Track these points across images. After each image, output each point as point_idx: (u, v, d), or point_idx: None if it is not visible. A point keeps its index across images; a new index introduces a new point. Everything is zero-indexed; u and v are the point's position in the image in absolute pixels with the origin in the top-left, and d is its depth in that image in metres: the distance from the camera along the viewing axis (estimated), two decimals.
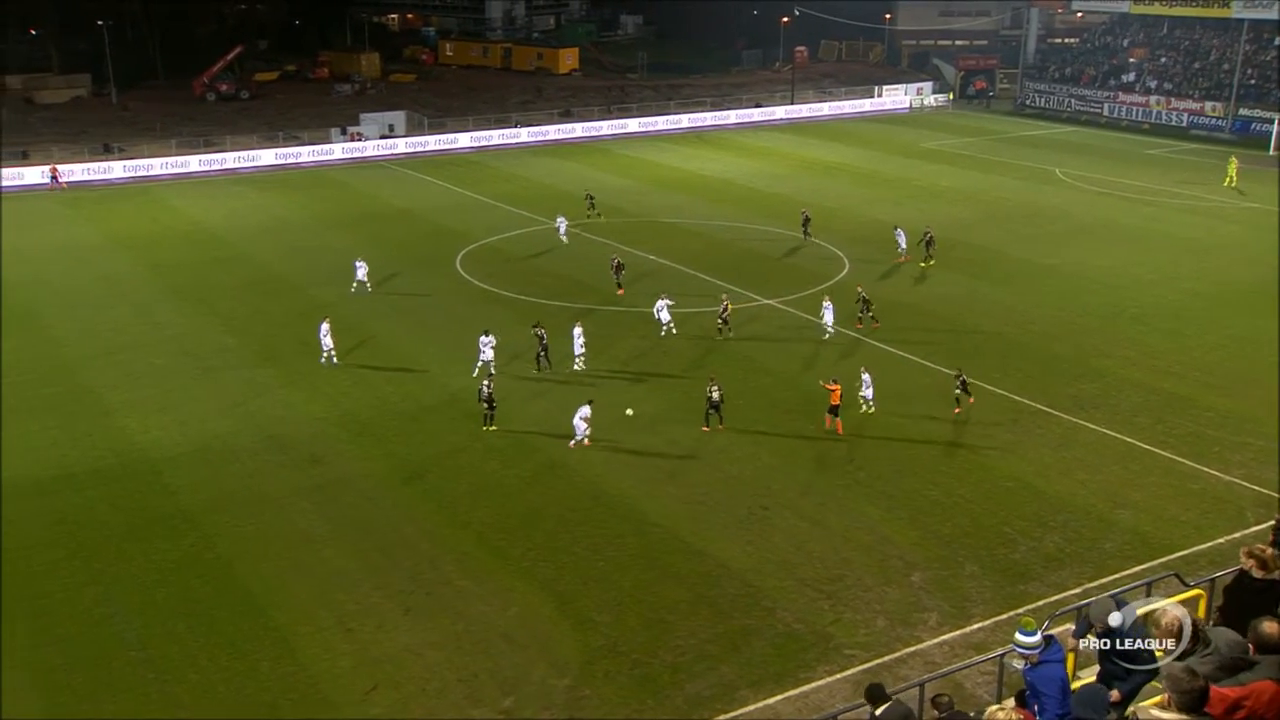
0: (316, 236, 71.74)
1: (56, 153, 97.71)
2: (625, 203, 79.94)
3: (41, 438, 43.42)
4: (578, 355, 48.35)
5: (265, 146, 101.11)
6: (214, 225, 75.69)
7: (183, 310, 57.71)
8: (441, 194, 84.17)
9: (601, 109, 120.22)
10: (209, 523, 37.01)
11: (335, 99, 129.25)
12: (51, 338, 53.74)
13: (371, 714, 27.87)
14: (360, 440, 42.72)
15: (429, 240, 69.92)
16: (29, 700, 28.74)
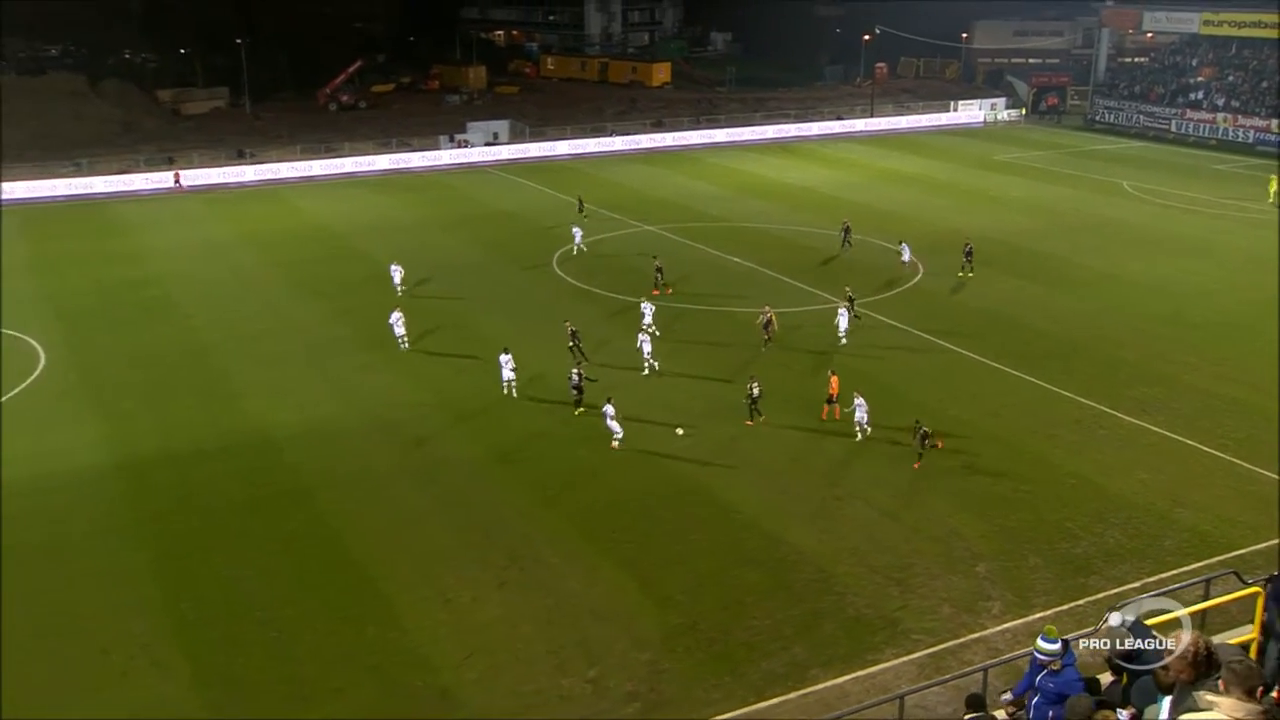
0: (424, 235, 72.32)
1: (197, 158, 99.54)
2: (712, 208, 79.62)
3: (179, 416, 44.33)
4: (645, 354, 47.74)
5: (380, 152, 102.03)
6: (332, 224, 76.70)
7: (303, 302, 58.49)
8: (541, 197, 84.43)
9: (691, 120, 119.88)
10: (323, 498, 37.52)
11: (445, 109, 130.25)
12: (189, 326, 54.76)
13: (467, 679, 28.06)
14: (459, 424, 42.99)
15: (528, 240, 70.17)
16: (170, 647, 29.50)
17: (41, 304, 58.99)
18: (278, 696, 27.69)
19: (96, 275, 63.98)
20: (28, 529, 35.76)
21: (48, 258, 68.93)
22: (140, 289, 61.39)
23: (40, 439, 42.27)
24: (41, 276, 64.49)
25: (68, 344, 52.49)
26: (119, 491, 38.16)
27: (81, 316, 56.89)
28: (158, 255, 68.83)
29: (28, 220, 79.50)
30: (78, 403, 45.92)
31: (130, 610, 31.37)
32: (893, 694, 24.06)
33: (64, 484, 38.76)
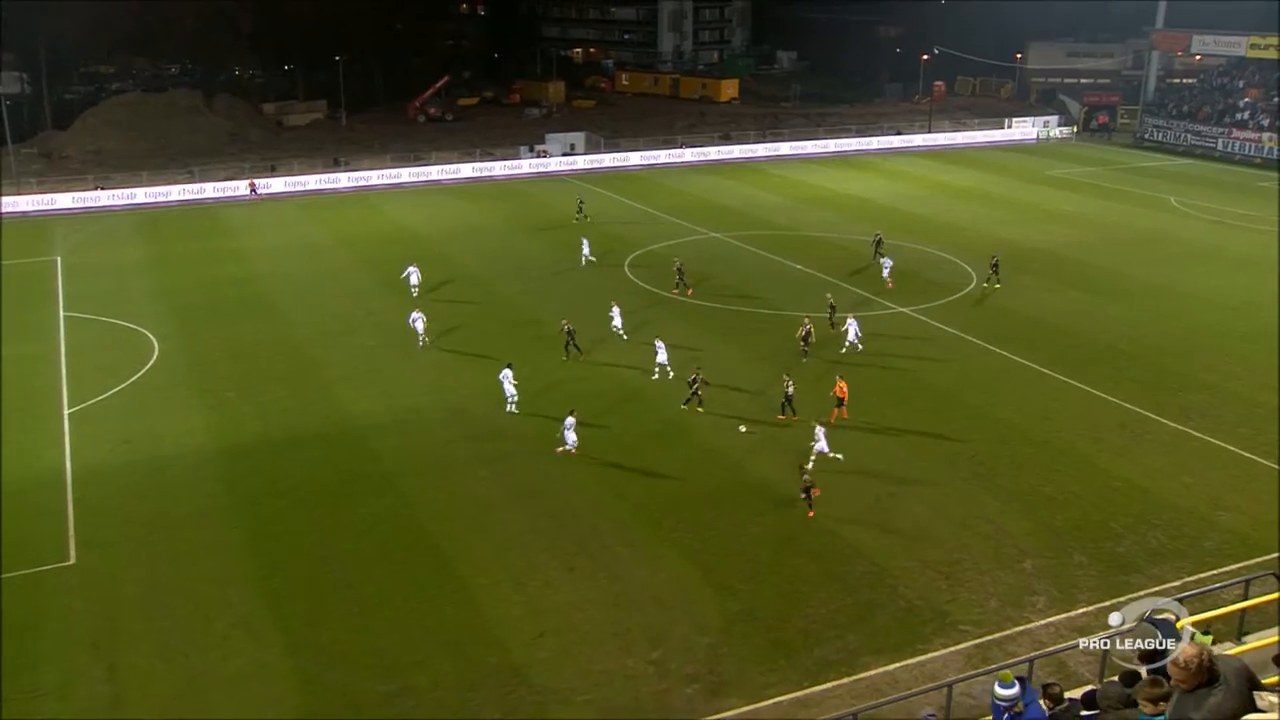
0: (504, 239, 72.66)
1: (296, 166, 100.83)
2: (777, 217, 79.21)
3: (275, 405, 44.94)
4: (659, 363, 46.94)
5: (464, 161, 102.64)
6: (419, 228, 77.21)
7: (390, 300, 58.89)
8: (614, 205, 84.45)
9: (757, 133, 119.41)
10: (406, 484, 37.83)
11: (525, 121, 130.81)
12: (287, 321, 55.44)
13: (538, 657, 28.17)
14: (534, 418, 43.03)
15: (601, 245, 70.11)
16: (265, 618, 30.02)
17: (156, 299, 60.06)
18: (362, 666, 27.98)
19: (204, 273, 65.01)
20: (142, 503, 36.68)
21: (162, 257, 70.14)
22: (242, 286, 62.29)
23: (154, 423, 43.14)
24: (157, 274, 65.66)
25: (179, 336, 53.38)
26: (221, 473, 38.81)
27: (190, 311, 57.82)
28: (259, 255, 69.79)
29: (147, 222, 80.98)
30: (186, 391, 46.70)
31: (230, 582, 31.95)
32: (941, 682, 23.83)
33: (174, 464, 39.56)
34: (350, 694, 27.00)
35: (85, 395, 46.24)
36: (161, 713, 26.46)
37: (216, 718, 26.22)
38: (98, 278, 65.06)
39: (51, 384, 47.75)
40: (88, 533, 34.88)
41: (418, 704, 26.58)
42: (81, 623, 30.25)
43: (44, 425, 43.43)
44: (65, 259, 69.73)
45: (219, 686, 27.37)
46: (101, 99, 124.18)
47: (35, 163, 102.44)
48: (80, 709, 26.75)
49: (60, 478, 38.80)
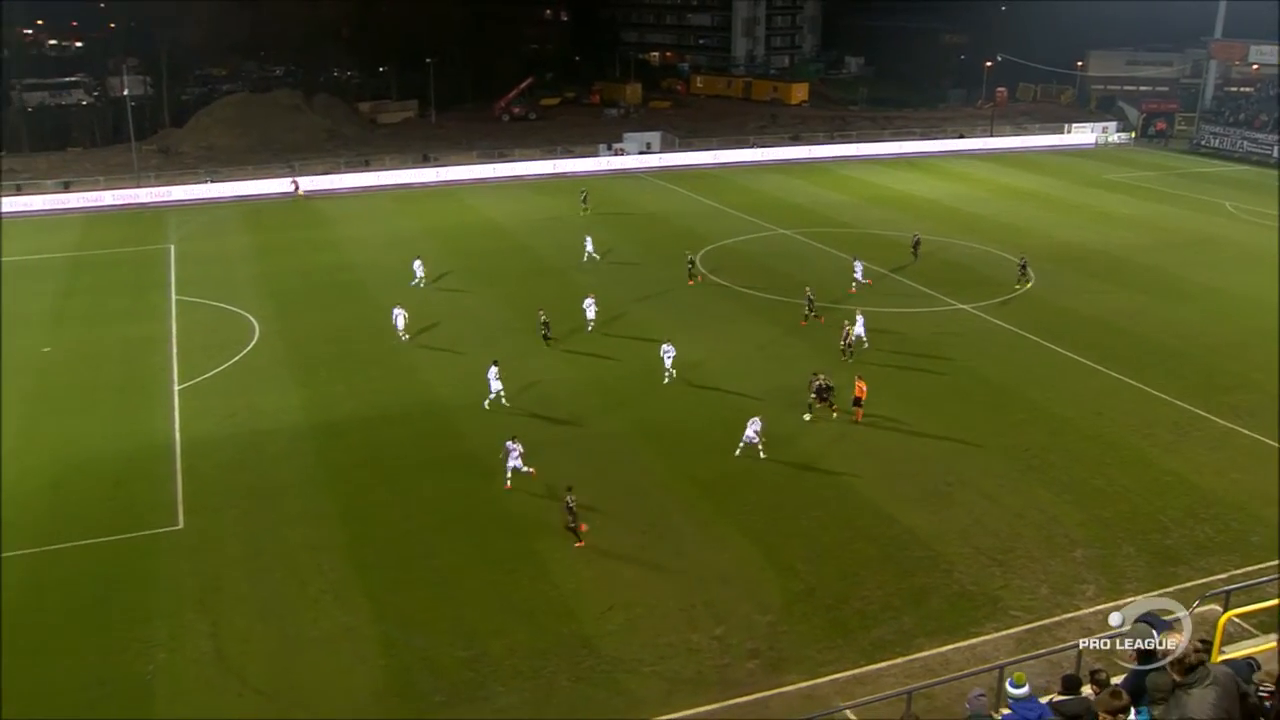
0: (582, 233, 72.64)
1: (389, 161, 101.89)
2: (843, 215, 78.52)
3: (365, 385, 45.56)
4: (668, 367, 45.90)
5: (545, 158, 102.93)
6: (502, 221, 77.61)
7: (474, 288, 59.37)
8: (687, 202, 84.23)
9: (826, 135, 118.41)
10: (486, 462, 38.04)
11: (604, 121, 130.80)
12: (377, 307, 55.82)
13: (607, 629, 28.33)
14: (609, 403, 43.23)
15: (675, 240, 70.06)
16: (351, 585, 30.55)
17: (258, 285, 61.09)
18: (442, 632, 28.35)
19: (302, 261, 65.94)
20: (243, 473, 37.49)
21: (265, 246, 71.29)
22: (337, 274, 63.07)
23: (255, 399, 43.96)
24: (259, 262, 66.75)
25: (278, 320, 54.25)
26: (315, 447, 39.45)
27: (289, 297, 58.74)
28: (353, 245, 70.62)
29: (251, 213, 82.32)
30: (284, 370, 47.49)
31: (322, 550, 32.53)
32: (992, 664, 23.58)
33: (273, 438, 40.30)
34: (431, 658, 27.36)
35: (193, 373, 47.26)
36: (259, 669, 27.06)
37: (309, 676, 26.75)
38: (206, 264, 66.33)
39: (163, 362, 48.85)
40: (195, 500, 35.71)
41: (494, 669, 26.87)
42: (189, 582, 31.02)
43: (156, 400, 44.50)
44: (178, 247, 71.14)
45: (311, 646, 27.90)
46: (214, 99, 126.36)
47: (154, 158, 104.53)
48: (188, 660, 27.48)
49: (170, 449, 39.74)
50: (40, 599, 30.49)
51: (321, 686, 26.36)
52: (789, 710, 24.87)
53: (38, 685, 26.72)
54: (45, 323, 55.10)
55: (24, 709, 25.83)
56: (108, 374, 47.73)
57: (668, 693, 25.96)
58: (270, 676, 26.79)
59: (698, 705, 25.52)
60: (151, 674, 27.00)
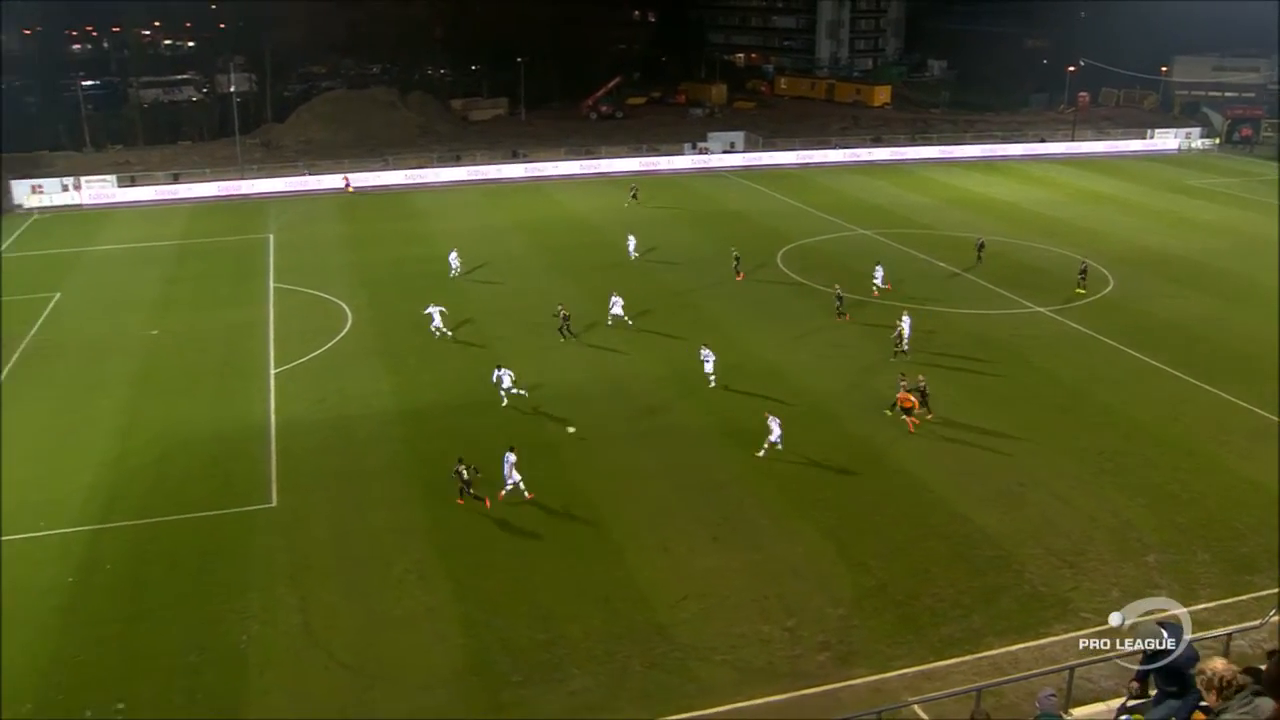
0: (667, 230, 72.61)
1: (479, 156, 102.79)
2: (923, 216, 77.34)
3: (451, 373, 46.07)
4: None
5: (631, 156, 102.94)
6: (588, 217, 77.73)
7: (558, 281, 59.62)
8: (769, 201, 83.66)
9: (907, 137, 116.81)
10: (567, 451, 38.34)
11: (689, 120, 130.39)
12: (465, 297, 56.36)
13: (681, 618, 28.29)
14: (688, 397, 43.08)
15: (756, 237, 69.68)
16: (434, 566, 30.89)
17: (351, 274, 62.00)
18: (520, 615, 28.53)
19: (394, 252, 66.71)
20: (333, 456, 38.09)
21: (358, 237, 72.33)
22: (426, 265, 63.64)
23: (346, 384, 44.63)
24: (353, 252, 67.74)
25: (369, 308, 55.01)
26: (403, 433, 39.90)
27: (380, 286, 59.47)
28: (443, 237, 71.18)
29: (346, 205, 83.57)
30: (375, 357, 48.13)
31: (407, 532, 32.96)
32: (1061, 665, 23.10)
33: (362, 423, 40.86)
34: (509, 639, 27.54)
35: (289, 357, 48.13)
36: (345, 643, 27.49)
37: (391, 652, 27.09)
38: (303, 253, 67.53)
39: (261, 347, 49.82)
40: (287, 479, 36.38)
41: (569, 652, 26.98)
42: (281, 558, 31.63)
43: (254, 383, 45.42)
44: (277, 236, 72.54)
45: (394, 624, 28.25)
46: (313, 95, 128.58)
47: (257, 151, 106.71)
48: (279, 632, 28.08)
49: (265, 430, 40.55)
50: (144, 569, 31.33)
51: (403, 663, 26.69)
52: (858, 703, 24.60)
53: (141, 649, 27.52)
54: (153, 307, 56.58)
55: (129, 671, 26.59)
56: (209, 357, 48.83)
57: (739, 681, 25.84)
58: (355, 651, 27.20)
59: (768, 695, 25.39)
60: (245, 643, 27.62)
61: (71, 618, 29.00)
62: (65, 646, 27.75)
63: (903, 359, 46.19)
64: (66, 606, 29.48)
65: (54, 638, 28.11)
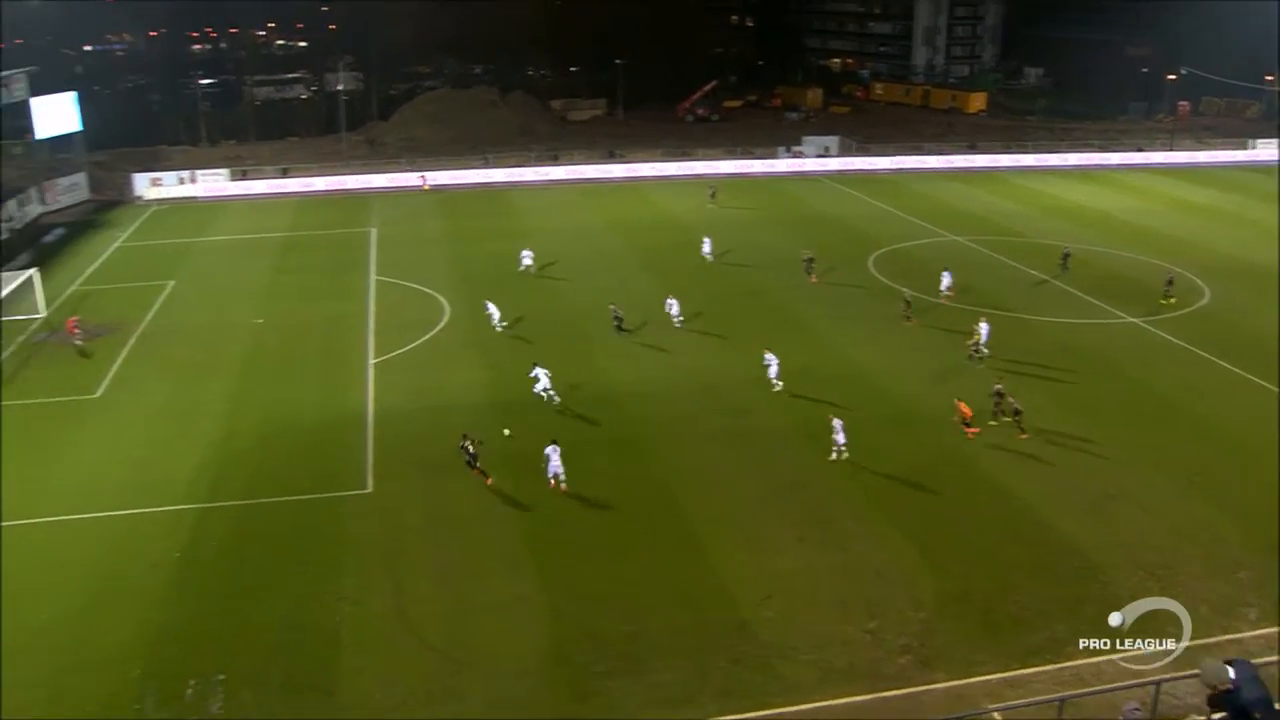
0: (759, 232, 72.31)
1: (577, 156, 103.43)
2: (1015, 224, 75.65)
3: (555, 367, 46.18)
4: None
5: (726, 158, 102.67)
6: (681, 218, 77.46)
7: (650, 281, 59.67)
8: (862, 205, 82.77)
9: (1002, 144, 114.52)
10: (655, 447, 38.51)
11: (784, 124, 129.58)
12: (558, 294, 56.79)
13: (764, 616, 28.24)
14: (777, 398, 42.84)
15: (848, 241, 69.04)
16: (523, 556, 31.24)
17: (450, 269, 62.85)
18: (605, 607, 28.74)
19: (491, 249, 67.28)
20: (427, 445, 38.64)
21: (457, 232, 73.28)
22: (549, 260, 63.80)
23: (442, 376, 45.28)
24: (452, 247, 68.63)
25: (466, 302, 55.64)
26: (495, 425, 39.98)
27: (478, 281, 60.05)
28: (539, 235, 71.67)
29: (446, 202, 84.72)
30: (470, 351, 48.76)
31: (497, 521, 33.43)
32: (1146, 679, 22.50)
33: (456, 413, 41.18)
34: (593, 630, 27.75)
35: (387, 348, 49.00)
36: (435, 628, 27.97)
37: (480, 638, 27.48)
38: (403, 248, 68.63)
39: (361, 337, 50.80)
40: (383, 467, 37.07)
41: (653, 645, 27.09)
42: (375, 543, 32.28)
43: (353, 372, 46.34)
44: (379, 230, 73.84)
45: (483, 611, 28.64)
46: (417, 94, 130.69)
47: (361, 148, 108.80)
48: (371, 615, 28.69)
49: (363, 418, 41.36)
50: (245, 548, 32.23)
51: (491, 649, 27.04)
52: (937, 708, 24.32)
53: (241, 624, 28.35)
54: (260, 296, 58.06)
55: (229, 645, 27.41)
56: (311, 346, 49.97)
57: (820, 681, 25.72)
58: (444, 636, 27.65)
59: (849, 695, 25.24)
60: (339, 624, 28.24)
61: (178, 591, 29.98)
62: (172, 618, 28.70)
63: (978, 365, 45.59)
64: (174, 580, 30.50)
65: (162, 609, 29.11)
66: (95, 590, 30.07)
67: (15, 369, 47.57)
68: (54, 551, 32.26)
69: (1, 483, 36.45)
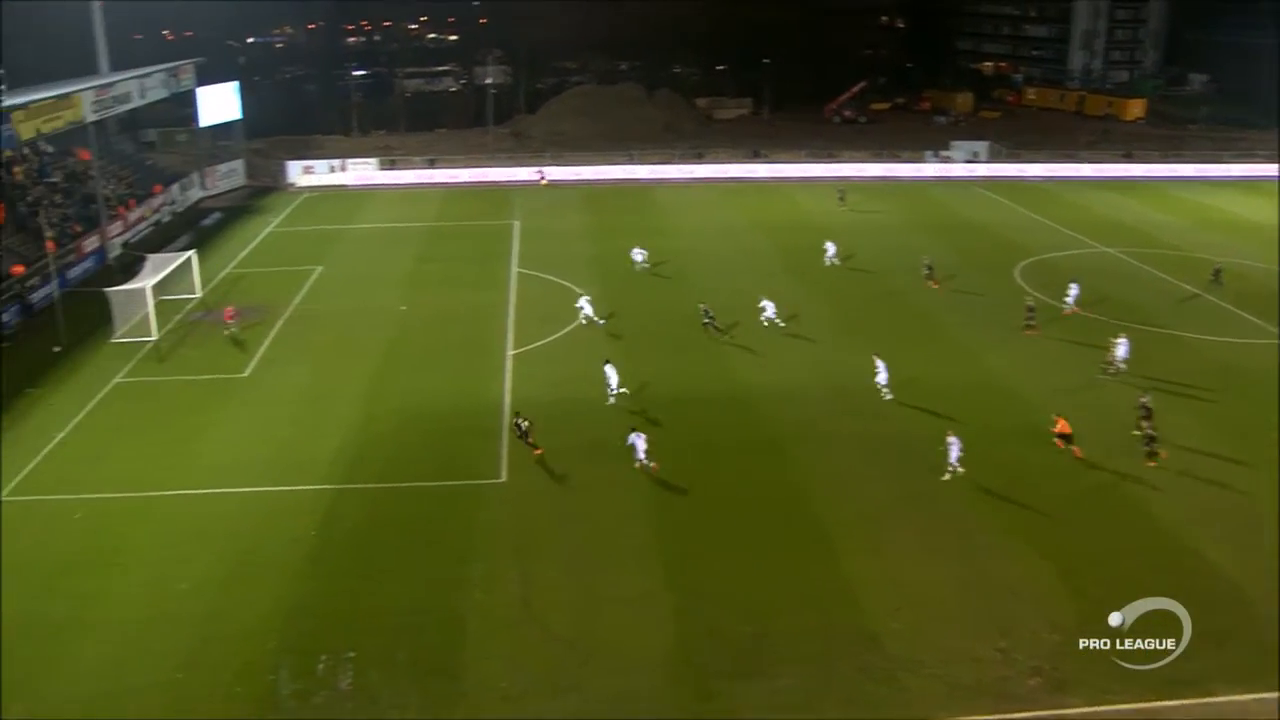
0: (901, 237, 71.03)
1: (722, 155, 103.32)
2: (1171, 237, 72.45)
3: (681, 366, 46.71)
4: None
5: (872, 161, 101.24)
6: (824, 220, 76.32)
7: (791, 282, 59.20)
8: (1010, 213, 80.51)
9: (1160, 153, 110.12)
10: (790, 449, 38.29)
11: (932, 128, 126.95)
12: (698, 292, 56.08)
13: (893, 628, 27.84)
14: (915, 404, 41.95)
15: (993, 250, 67.33)
16: (651, 552, 31.27)
17: (591, 264, 63.45)
18: (730, 607, 28.70)
19: (632, 245, 67.28)
20: (561, 437, 38.88)
21: (600, 227, 73.98)
22: (664, 259, 64.24)
23: (578, 369, 45.42)
24: (594, 242, 69.25)
25: (605, 297, 55.99)
26: (630, 421, 39.91)
27: (618, 277, 60.67)
28: (679, 233, 72.01)
29: (589, 197, 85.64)
30: (609, 345, 48.99)
31: (626, 516, 33.73)
32: None
33: (591, 407, 41.66)
34: (718, 630, 27.74)
35: (526, 340, 49.79)
36: (561, 619, 28.36)
37: (605, 633, 27.77)
38: (545, 241, 69.62)
39: (500, 328, 51.71)
40: (517, 457, 37.64)
41: (777, 649, 26.98)
42: (506, 531, 32.87)
43: (492, 363, 47.23)
44: (522, 223, 75.02)
45: (609, 605, 28.90)
46: (564, 89, 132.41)
47: (507, 141, 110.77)
48: (499, 603, 29.23)
49: (500, 408, 42.08)
50: (378, 530, 33.16)
51: (616, 643, 27.27)
52: None
53: (371, 604, 29.21)
54: (404, 284, 59.63)
55: (359, 624, 28.26)
56: (452, 335, 51.09)
57: (946, 697, 25.25)
58: (571, 627, 27.99)
59: (974, 714, 24.72)
60: (467, 610, 28.82)
61: (313, 568, 31.04)
62: (307, 593, 29.72)
63: (1111, 380, 44.13)
64: (310, 557, 31.58)
65: (298, 584, 30.19)
66: (235, 562, 31.36)
67: (171, 346, 49.89)
68: (199, 523, 33.77)
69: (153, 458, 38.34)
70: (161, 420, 41.68)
